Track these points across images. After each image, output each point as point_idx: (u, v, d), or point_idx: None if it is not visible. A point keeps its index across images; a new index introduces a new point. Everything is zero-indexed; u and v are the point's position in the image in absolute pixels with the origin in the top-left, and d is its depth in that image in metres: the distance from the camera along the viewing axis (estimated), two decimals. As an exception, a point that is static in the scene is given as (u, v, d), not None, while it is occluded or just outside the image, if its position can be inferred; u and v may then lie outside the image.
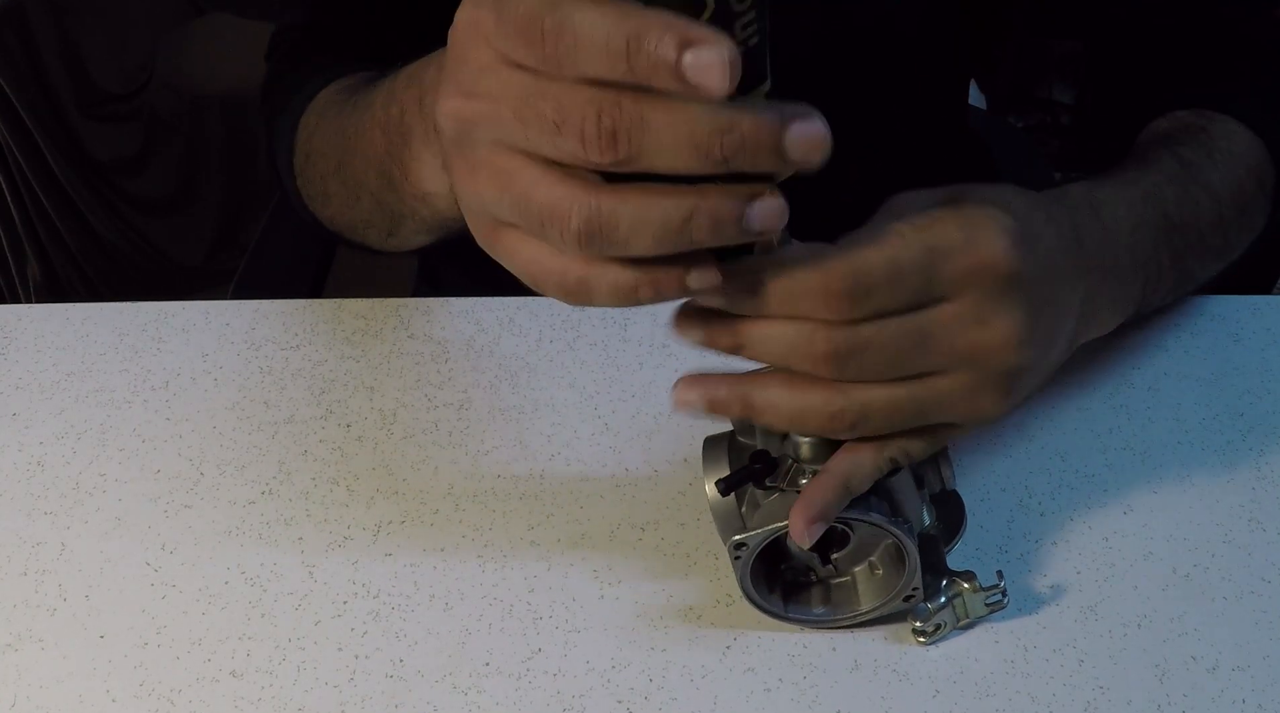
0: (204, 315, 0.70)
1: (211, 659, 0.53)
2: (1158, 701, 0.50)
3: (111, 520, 0.59)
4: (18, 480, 0.61)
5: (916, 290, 0.43)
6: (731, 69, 0.34)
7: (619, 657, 0.52)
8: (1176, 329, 0.66)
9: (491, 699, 0.51)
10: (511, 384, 0.65)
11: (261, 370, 0.66)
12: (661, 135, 0.35)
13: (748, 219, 0.37)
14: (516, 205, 0.38)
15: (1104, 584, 0.54)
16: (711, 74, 0.34)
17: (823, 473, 0.46)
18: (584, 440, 0.62)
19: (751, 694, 0.51)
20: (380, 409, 0.64)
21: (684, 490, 0.59)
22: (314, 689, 0.52)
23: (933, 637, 0.52)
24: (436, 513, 0.59)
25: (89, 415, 0.64)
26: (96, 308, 0.70)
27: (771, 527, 0.48)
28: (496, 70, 0.37)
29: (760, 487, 0.49)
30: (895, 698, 0.50)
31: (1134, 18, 0.70)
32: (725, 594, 0.54)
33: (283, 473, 0.61)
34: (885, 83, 0.74)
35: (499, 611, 0.54)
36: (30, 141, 1.37)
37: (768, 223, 0.38)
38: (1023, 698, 0.50)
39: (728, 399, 0.45)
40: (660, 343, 0.66)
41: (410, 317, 0.69)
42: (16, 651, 0.54)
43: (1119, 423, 0.61)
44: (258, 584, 0.56)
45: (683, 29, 0.34)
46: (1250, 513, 0.57)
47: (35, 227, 1.44)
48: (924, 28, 0.73)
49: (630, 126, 0.35)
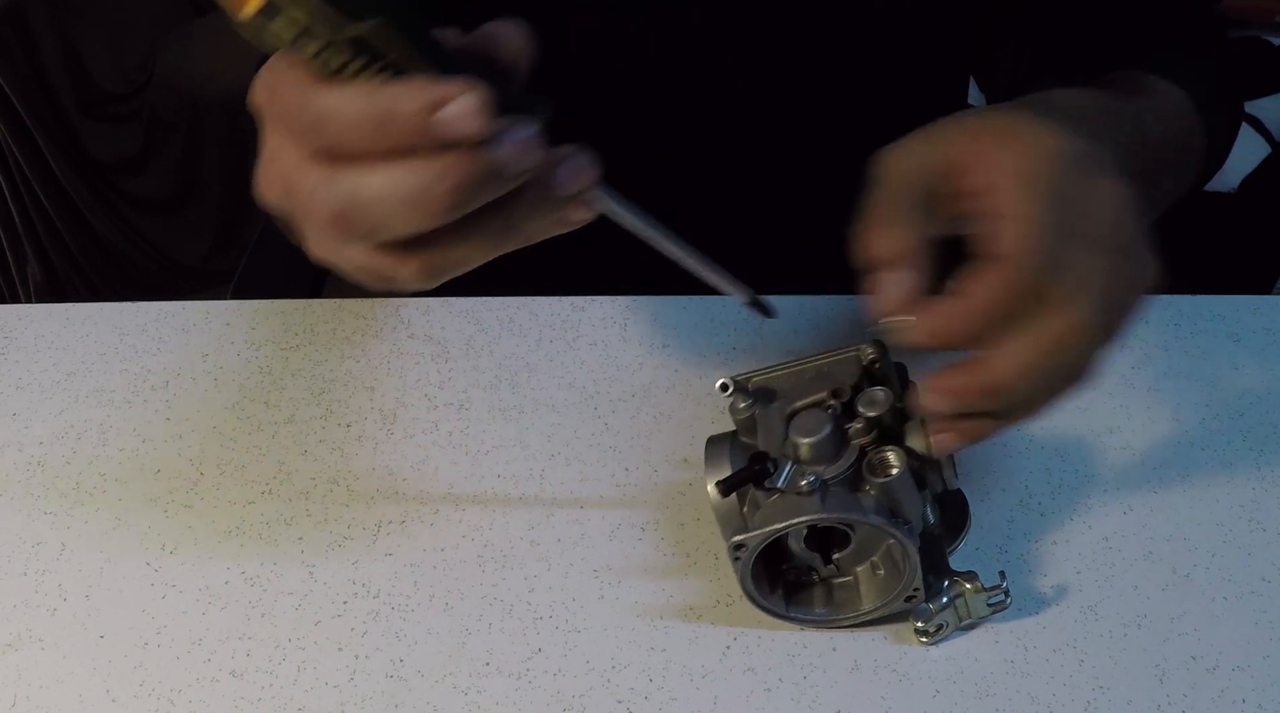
0: (204, 315, 0.70)
1: (211, 659, 0.53)
2: (1158, 701, 0.50)
3: (111, 520, 0.59)
4: (18, 480, 0.61)
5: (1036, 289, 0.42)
6: (483, 111, 0.36)
7: (619, 657, 0.52)
8: (1176, 329, 0.66)
9: (491, 699, 0.51)
10: (511, 384, 0.65)
11: (261, 370, 0.66)
12: (382, 207, 0.38)
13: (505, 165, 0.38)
14: (361, 270, 0.42)
15: (1104, 584, 0.54)
16: (466, 122, 0.36)
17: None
18: (584, 440, 0.62)
19: (751, 694, 0.51)
20: (380, 409, 0.64)
21: (684, 491, 0.59)
22: (314, 689, 0.52)
23: (935, 637, 0.52)
24: (436, 513, 0.59)
25: (89, 415, 0.64)
26: (96, 308, 0.70)
27: (771, 528, 0.48)
28: (279, 156, 0.40)
29: (761, 488, 0.49)
30: (895, 698, 0.50)
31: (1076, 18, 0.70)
32: (725, 594, 0.54)
33: (283, 473, 0.61)
34: (885, 82, 0.74)
35: (499, 611, 0.54)
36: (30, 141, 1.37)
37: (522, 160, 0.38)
38: (1023, 698, 0.50)
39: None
40: (660, 343, 0.66)
41: (410, 317, 0.69)
42: (16, 651, 0.54)
43: (1119, 423, 0.61)
44: (258, 584, 0.56)
45: (428, 91, 0.36)
46: (1250, 513, 0.57)
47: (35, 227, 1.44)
48: (924, 27, 0.73)
49: (352, 209, 0.38)
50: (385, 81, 0.36)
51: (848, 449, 0.49)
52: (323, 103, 0.37)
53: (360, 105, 0.36)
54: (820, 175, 0.77)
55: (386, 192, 0.37)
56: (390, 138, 0.36)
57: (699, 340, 0.66)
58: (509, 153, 0.38)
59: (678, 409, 0.63)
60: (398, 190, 0.37)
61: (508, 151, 0.37)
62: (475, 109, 0.36)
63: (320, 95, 0.37)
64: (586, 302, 0.69)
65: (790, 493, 0.48)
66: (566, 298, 0.69)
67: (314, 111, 0.37)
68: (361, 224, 0.38)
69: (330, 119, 0.37)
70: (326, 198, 0.38)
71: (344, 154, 0.38)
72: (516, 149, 0.38)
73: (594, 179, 0.41)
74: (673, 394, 0.64)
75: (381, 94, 0.36)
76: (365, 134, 0.37)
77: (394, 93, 0.36)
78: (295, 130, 0.38)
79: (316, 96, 0.37)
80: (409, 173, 0.37)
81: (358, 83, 0.36)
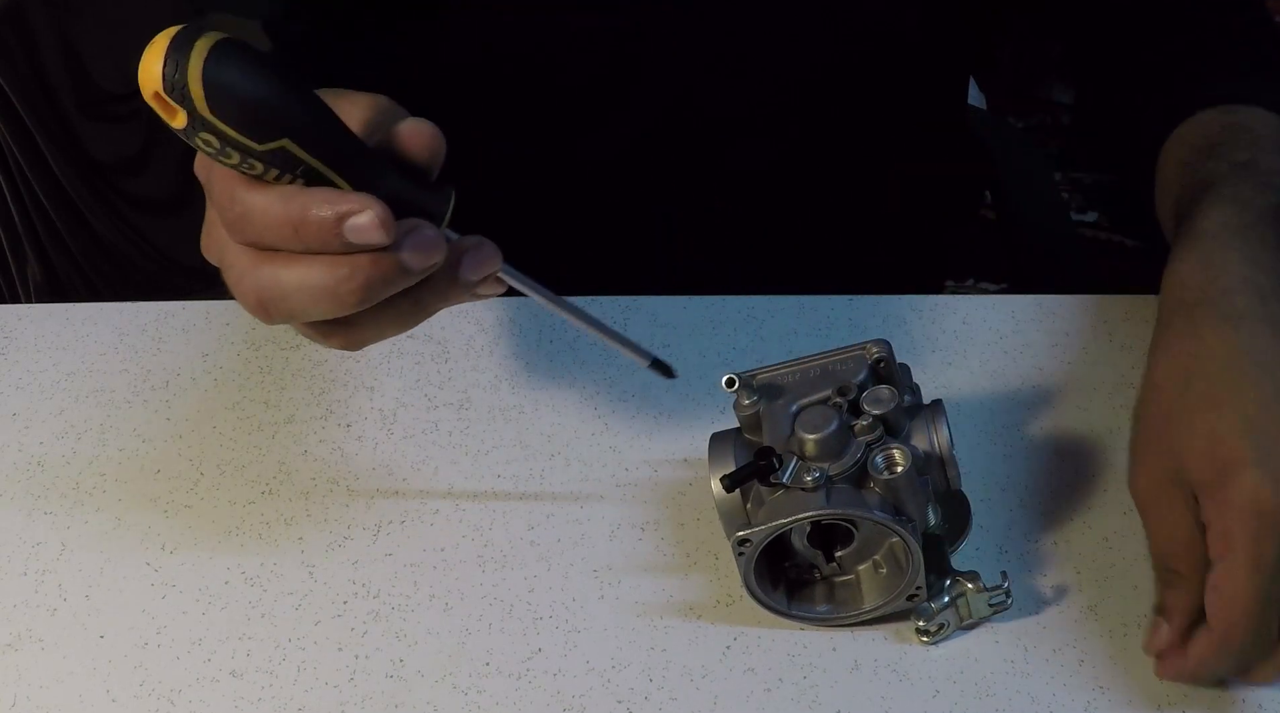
0: (204, 315, 0.70)
1: (211, 659, 0.53)
2: (1158, 701, 0.50)
3: (111, 520, 0.59)
4: (18, 480, 0.61)
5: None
6: (384, 223, 0.40)
7: (619, 657, 0.52)
8: (1177, 329, 0.66)
9: (491, 699, 0.51)
10: (511, 384, 0.65)
11: (261, 370, 0.66)
12: (299, 297, 0.42)
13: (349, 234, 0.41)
14: (297, 333, 0.49)
15: (1104, 584, 0.54)
16: (370, 233, 0.40)
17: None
18: (584, 440, 0.62)
19: (751, 694, 0.51)
20: (380, 409, 0.64)
21: (684, 490, 0.59)
22: (314, 689, 0.52)
23: (936, 637, 0.52)
24: (436, 513, 0.59)
25: (89, 415, 0.64)
26: (96, 308, 0.70)
27: (775, 524, 0.48)
28: (214, 229, 0.45)
29: (765, 484, 0.49)
30: (895, 698, 0.50)
31: (1114, 17, 0.69)
32: (725, 594, 0.54)
33: (283, 473, 0.61)
34: (886, 83, 0.74)
35: (499, 611, 0.54)
36: (30, 141, 1.37)
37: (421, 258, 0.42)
38: (1023, 698, 0.50)
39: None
40: (660, 343, 0.66)
41: (410, 317, 0.69)
42: (16, 651, 0.54)
43: (1119, 423, 0.61)
44: (258, 584, 0.56)
45: (335, 205, 0.40)
46: (1250, 513, 0.57)
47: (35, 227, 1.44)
48: (926, 28, 0.73)
49: (272, 296, 0.42)
50: (301, 187, 0.41)
51: (853, 446, 0.49)
52: (246, 202, 0.41)
53: (277, 210, 0.41)
54: (820, 175, 0.77)
55: (302, 284, 0.41)
56: (303, 240, 0.41)
57: (699, 340, 0.66)
58: (413, 254, 0.42)
59: (678, 409, 0.63)
60: (312, 284, 0.41)
61: (412, 253, 0.42)
62: (378, 222, 0.40)
63: (244, 194, 0.41)
64: (586, 302, 0.69)
65: (795, 489, 0.48)
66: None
67: (238, 209, 0.41)
68: (281, 309, 0.43)
69: (252, 217, 0.41)
70: (251, 284, 0.43)
71: (265, 248, 0.42)
72: (420, 250, 0.42)
73: (496, 267, 0.45)
74: (673, 394, 0.64)
75: (294, 201, 0.40)
76: (282, 235, 0.41)
77: (305, 201, 0.40)
78: (225, 219, 0.42)
79: (242, 195, 0.41)
80: (322, 270, 0.41)
81: (277, 186, 0.41)
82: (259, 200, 0.41)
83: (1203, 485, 0.47)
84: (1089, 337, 0.66)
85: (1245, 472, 0.46)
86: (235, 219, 0.42)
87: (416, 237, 0.42)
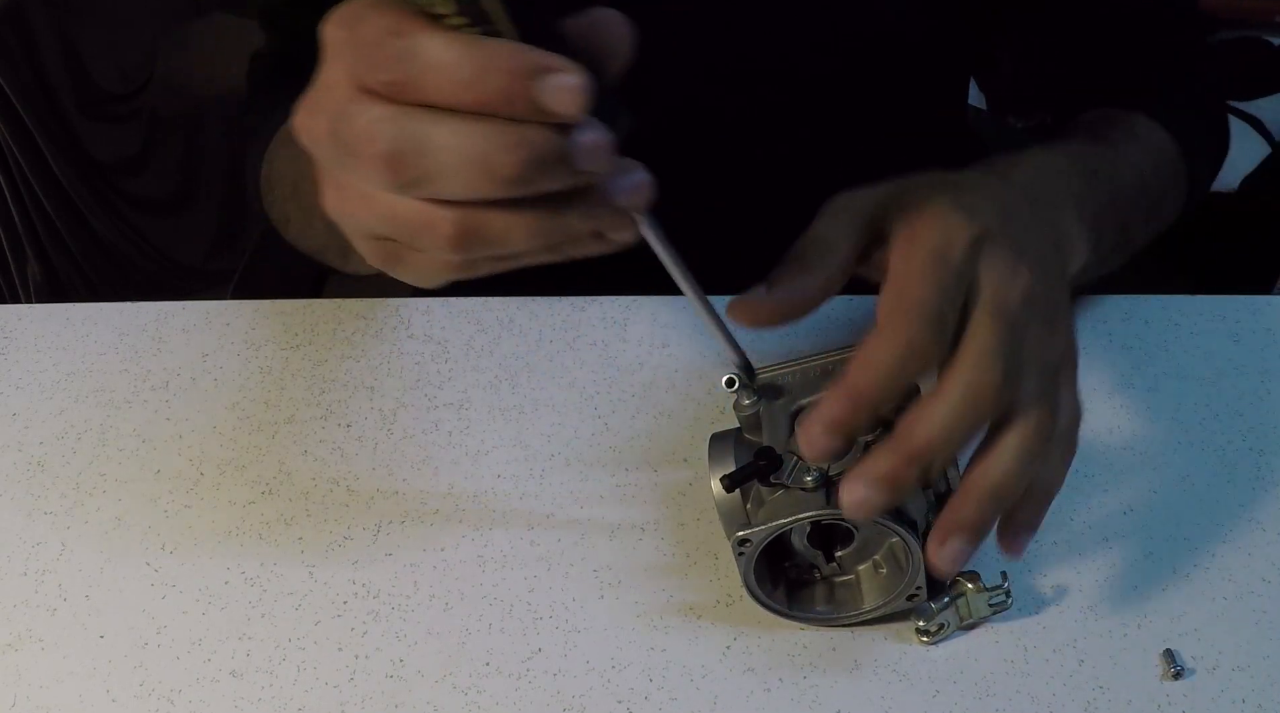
0: (204, 315, 0.70)
1: (211, 659, 0.53)
2: (1158, 701, 0.50)
3: (111, 520, 0.59)
4: (18, 480, 0.61)
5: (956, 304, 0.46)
6: (585, 94, 0.35)
7: (619, 657, 0.52)
8: (1176, 329, 0.66)
9: (491, 699, 0.51)
10: (511, 384, 0.65)
11: (261, 370, 0.66)
12: (444, 156, 0.35)
13: (574, 156, 0.37)
14: (385, 223, 0.39)
15: (1104, 584, 0.54)
16: (566, 98, 0.35)
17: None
18: (584, 440, 0.62)
19: (751, 694, 0.51)
20: (380, 409, 0.64)
21: (684, 490, 0.59)
22: (314, 689, 0.52)
23: (936, 637, 0.52)
24: (436, 513, 0.59)
25: (89, 415, 0.64)
26: (96, 308, 0.70)
27: (776, 523, 0.48)
28: (335, 89, 0.37)
29: (765, 484, 0.49)
30: (895, 698, 0.50)
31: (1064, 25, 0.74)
32: (725, 594, 0.54)
33: (283, 473, 0.61)
34: (888, 84, 0.74)
35: (499, 611, 0.54)
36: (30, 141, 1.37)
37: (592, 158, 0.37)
38: (1023, 698, 0.50)
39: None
40: (660, 343, 0.66)
41: (410, 317, 0.69)
42: (16, 651, 0.54)
43: (1119, 423, 0.61)
44: (258, 584, 0.56)
45: (534, 56, 0.35)
46: (1250, 513, 0.57)
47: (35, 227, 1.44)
48: (929, 29, 0.73)
49: (411, 150, 0.36)
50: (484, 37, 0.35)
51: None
52: (418, 40, 0.35)
53: (457, 52, 0.35)
54: (821, 176, 0.77)
55: (455, 143, 0.35)
56: (477, 92, 0.35)
57: (699, 340, 0.66)
58: (586, 146, 0.36)
59: (678, 409, 0.63)
60: (467, 146, 0.35)
61: (585, 144, 0.36)
62: (576, 88, 0.35)
63: (417, 32, 0.35)
64: (586, 302, 0.69)
65: (795, 489, 0.48)
66: (566, 298, 0.69)
67: (403, 46, 0.35)
68: (416, 168, 0.36)
69: (421, 57, 0.35)
70: (388, 132, 0.36)
71: (420, 96, 0.36)
72: (593, 144, 0.36)
73: (648, 197, 0.40)
74: (673, 394, 0.64)
75: (483, 47, 0.35)
76: (454, 81, 0.35)
77: (497, 49, 0.35)
78: (373, 61, 0.36)
79: (412, 33, 0.35)
80: (484, 132, 0.35)
81: (457, 32, 0.35)
82: (436, 40, 0.35)
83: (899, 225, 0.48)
84: (1088, 337, 0.66)
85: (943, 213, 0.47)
86: (395, 56, 0.35)
87: (587, 130, 0.36)
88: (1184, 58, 0.74)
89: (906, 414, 0.45)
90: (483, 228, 0.38)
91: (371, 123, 0.36)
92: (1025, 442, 0.46)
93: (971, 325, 0.45)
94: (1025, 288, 0.47)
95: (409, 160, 0.36)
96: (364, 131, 0.36)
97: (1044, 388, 0.46)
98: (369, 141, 0.36)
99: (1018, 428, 0.45)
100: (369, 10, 0.36)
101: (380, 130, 0.36)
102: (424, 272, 0.42)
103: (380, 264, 0.42)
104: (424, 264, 0.41)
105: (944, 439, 0.44)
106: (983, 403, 0.44)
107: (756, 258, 0.70)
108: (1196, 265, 1.39)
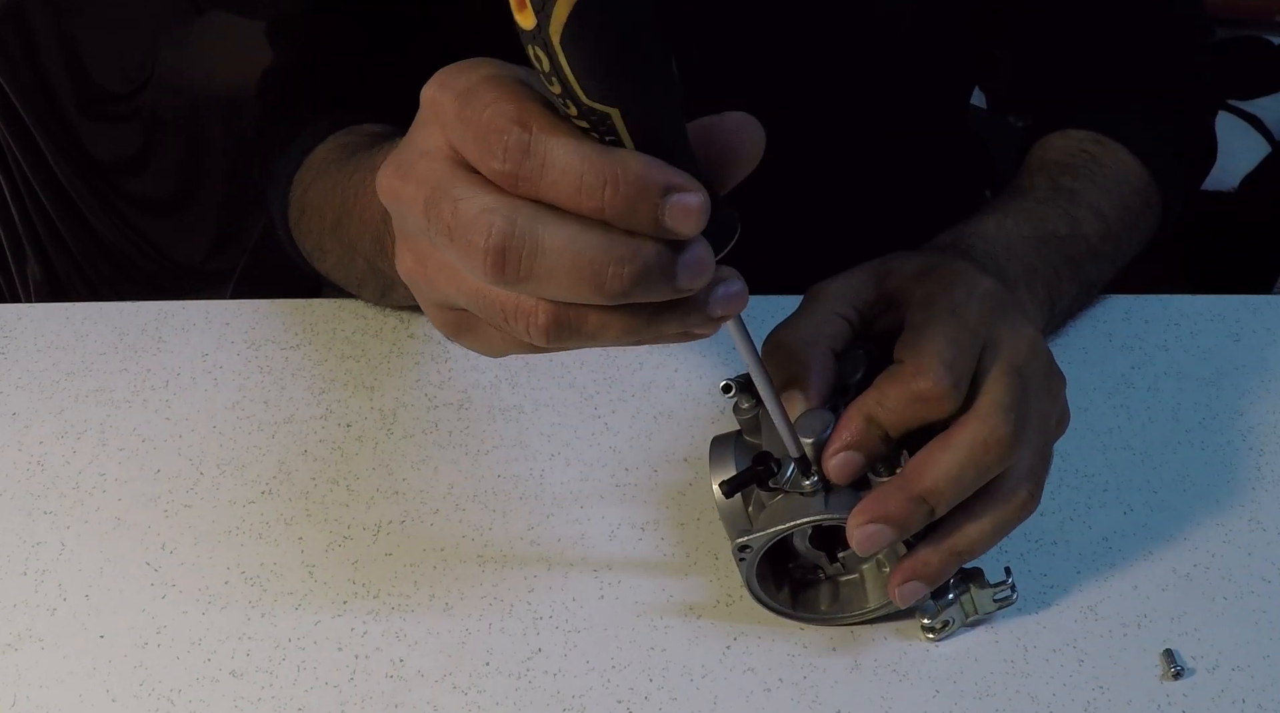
0: (204, 315, 0.70)
1: (211, 659, 0.53)
2: (1158, 701, 0.50)
3: (111, 520, 0.59)
4: (18, 480, 0.61)
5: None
6: (705, 214, 0.34)
7: (619, 657, 0.52)
8: (1176, 329, 0.66)
9: (491, 699, 0.51)
10: (511, 384, 0.65)
11: (261, 370, 0.66)
12: (554, 260, 0.34)
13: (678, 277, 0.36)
14: (472, 301, 0.38)
15: (1104, 584, 0.54)
16: (689, 219, 0.34)
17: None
18: (584, 440, 0.62)
19: (751, 694, 0.51)
20: (380, 409, 0.64)
21: (684, 490, 0.59)
22: (314, 689, 0.52)
23: (941, 633, 0.52)
24: (436, 513, 0.59)
25: (89, 415, 0.64)
26: (96, 308, 0.70)
27: (774, 529, 0.48)
28: (434, 158, 0.36)
29: (765, 488, 0.49)
30: (895, 698, 0.50)
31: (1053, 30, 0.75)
32: (725, 594, 0.54)
33: (283, 473, 0.61)
34: (894, 89, 0.74)
35: (499, 611, 0.54)
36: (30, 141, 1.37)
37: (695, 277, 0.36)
38: (1023, 698, 0.50)
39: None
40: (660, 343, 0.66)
41: (410, 317, 0.69)
42: (16, 651, 0.54)
43: (1119, 423, 0.61)
44: (258, 584, 0.56)
45: (663, 173, 0.34)
46: (1250, 513, 0.57)
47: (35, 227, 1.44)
48: (936, 39, 0.73)
49: (521, 249, 0.34)
50: (612, 147, 0.34)
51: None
52: (544, 139, 0.34)
53: (584, 157, 0.34)
54: (821, 176, 0.77)
55: (567, 249, 0.34)
56: (599, 201, 0.34)
57: (699, 341, 0.66)
58: (693, 266, 0.35)
59: (678, 409, 0.63)
60: (579, 254, 0.34)
61: (692, 264, 0.35)
62: (698, 209, 0.34)
63: (548, 130, 0.34)
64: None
65: (794, 493, 0.48)
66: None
67: (527, 141, 0.34)
68: (525, 266, 0.34)
69: (544, 156, 0.34)
70: (500, 227, 0.34)
71: (533, 192, 0.34)
72: (700, 264, 0.36)
73: (741, 307, 0.39)
74: (673, 394, 0.64)
75: (611, 156, 0.34)
76: (578, 187, 0.34)
77: (626, 161, 0.34)
78: (488, 146, 0.34)
79: (538, 129, 0.34)
80: (597, 242, 0.34)
81: (587, 137, 0.34)
82: (561, 143, 0.34)
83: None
84: (1088, 337, 0.66)
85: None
86: (512, 150, 0.34)
87: (697, 247, 0.35)
88: (1178, 66, 0.75)
89: (919, 455, 0.47)
90: (578, 324, 0.37)
91: (482, 212, 0.35)
92: (1006, 517, 0.48)
93: (989, 381, 0.47)
94: (1033, 344, 0.49)
95: (521, 257, 0.34)
96: (473, 220, 0.35)
97: (1034, 466, 0.49)
98: (477, 231, 0.35)
99: (1003, 500, 0.48)
100: (484, 86, 0.35)
101: (491, 223, 0.34)
102: (495, 346, 0.41)
103: (447, 331, 0.41)
104: (497, 341, 0.40)
105: (954, 487, 0.46)
106: (996, 455, 0.46)
107: (757, 258, 0.70)
108: (1196, 265, 1.39)
